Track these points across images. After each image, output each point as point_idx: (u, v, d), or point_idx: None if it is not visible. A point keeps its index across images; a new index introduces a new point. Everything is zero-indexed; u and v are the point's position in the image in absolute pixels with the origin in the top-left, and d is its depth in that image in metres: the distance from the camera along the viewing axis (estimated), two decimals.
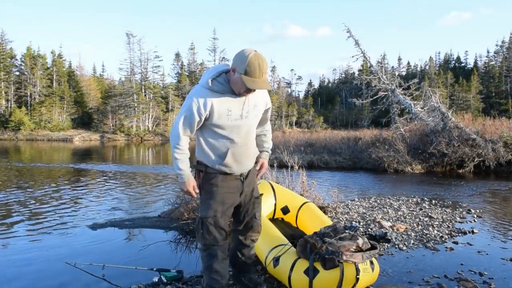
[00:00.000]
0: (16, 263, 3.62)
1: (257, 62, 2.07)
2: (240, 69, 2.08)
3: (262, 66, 2.08)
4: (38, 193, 7.58)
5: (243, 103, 2.24)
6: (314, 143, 15.54)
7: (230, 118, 2.21)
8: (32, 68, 51.46)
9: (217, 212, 2.31)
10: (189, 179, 2.32)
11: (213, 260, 2.33)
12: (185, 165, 2.32)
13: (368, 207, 5.80)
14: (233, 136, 2.25)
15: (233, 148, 2.27)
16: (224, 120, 2.21)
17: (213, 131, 2.25)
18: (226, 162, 2.27)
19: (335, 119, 64.70)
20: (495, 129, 11.75)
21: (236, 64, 2.11)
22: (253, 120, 2.35)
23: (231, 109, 2.21)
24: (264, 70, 2.10)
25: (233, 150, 2.27)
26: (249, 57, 2.07)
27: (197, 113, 2.18)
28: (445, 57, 72.97)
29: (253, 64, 2.06)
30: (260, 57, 2.09)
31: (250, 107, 2.28)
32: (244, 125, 2.27)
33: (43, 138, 44.48)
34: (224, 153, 2.26)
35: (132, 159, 18.82)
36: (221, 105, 2.19)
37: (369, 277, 2.57)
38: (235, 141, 2.26)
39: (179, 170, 2.31)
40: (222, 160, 2.28)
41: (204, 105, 2.16)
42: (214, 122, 2.21)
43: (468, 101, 56.38)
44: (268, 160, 2.70)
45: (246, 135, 2.31)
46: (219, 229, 2.32)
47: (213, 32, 74.48)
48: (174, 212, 5.07)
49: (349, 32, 13.93)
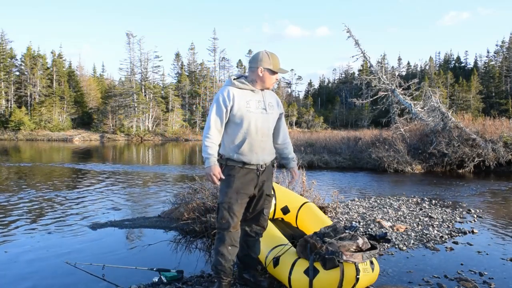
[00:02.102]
0: (16, 263, 3.62)
1: (274, 55, 2.65)
2: (268, 64, 2.59)
3: (277, 57, 2.67)
4: (38, 193, 7.58)
5: (260, 100, 2.63)
6: (314, 143, 15.54)
7: (249, 109, 2.56)
8: (32, 68, 51.44)
9: (232, 199, 2.56)
10: (215, 164, 2.54)
11: (220, 244, 2.59)
12: (213, 151, 2.55)
13: (368, 207, 5.80)
14: (250, 128, 2.56)
15: (249, 139, 2.56)
16: (243, 111, 2.55)
17: (234, 123, 2.57)
18: (242, 150, 2.56)
19: (335, 119, 64.69)
20: (495, 129, 11.74)
21: (261, 64, 2.59)
22: (270, 117, 2.66)
23: (249, 102, 2.58)
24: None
25: (250, 140, 2.56)
26: (268, 54, 2.62)
27: (223, 104, 2.54)
28: (445, 57, 73.01)
29: (274, 57, 2.63)
30: (272, 53, 2.67)
31: (267, 105, 2.65)
32: (259, 119, 2.59)
33: (43, 138, 44.47)
34: (242, 142, 2.57)
35: (132, 159, 18.82)
36: (241, 98, 2.57)
37: (369, 277, 2.57)
38: (252, 132, 2.57)
39: (207, 155, 2.53)
40: (239, 149, 2.57)
41: (228, 96, 2.55)
42: (235, 113, 2.55)
43: (468, 101, 56.37)
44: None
45: (261, 129, 2.60)
46: (232, 215, 2.56)
47: (213, 32, 74.42)
48: (174, 212, 5.07)
49: (349, 32, 13.94)
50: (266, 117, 2.63)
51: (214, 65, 63.09)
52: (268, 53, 2.62)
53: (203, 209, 4.52)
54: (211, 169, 2.50)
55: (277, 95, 3.09)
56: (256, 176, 2.62)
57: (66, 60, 61.20)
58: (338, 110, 66.12)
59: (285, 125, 2.89)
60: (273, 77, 2.63)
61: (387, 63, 56.50)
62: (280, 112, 2.79)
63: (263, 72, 2.59)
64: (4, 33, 52.99)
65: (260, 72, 2.60)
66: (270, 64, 2.59)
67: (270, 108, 2.67)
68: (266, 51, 2.63)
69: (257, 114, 2.58)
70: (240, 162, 2.58)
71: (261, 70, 2.59)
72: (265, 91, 2.70)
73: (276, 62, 2.62)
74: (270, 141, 2.72)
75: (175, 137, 48.19)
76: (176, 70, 64.70)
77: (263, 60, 2.59)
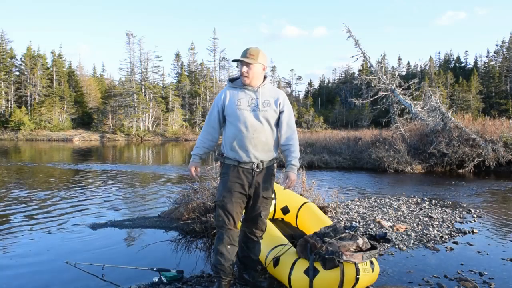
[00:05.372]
0: (17, 263, 3.62)
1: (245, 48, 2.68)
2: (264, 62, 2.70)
3: (246, 49, 2.66)
4: (38, 193, 7.58)
5: (253, 98, 2.64)
6: (314, 143, 15.54)
7: (239, 107, 2.60)
8: (32, 68, 51.41)
9: (225, 197, 2.60)
10: (194, 162, 2.75)
11: (219, 243, 2.63)
12: (197, 150, 2.75)
13: (368, 207, 5.80)
14: (240, 125, 2.59)
15: (240, 135, 2.59)
16: (234, 109, 2.61)
17: (229, 121, 2.65)
18: (233, 146, 2.62)
19: (335, 119, 64.67)
20: (495, 129, 11.74)
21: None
22: (262, 114, 2.62)
23: (240, 100, 2.63)
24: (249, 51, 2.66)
25: (240, 137, 2.59)
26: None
27: (216, 105, 2.70)
28: (445, 57, 72.98)
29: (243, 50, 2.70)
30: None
31: (260, 102, 2.64)
32: (249, 116, 2.60)
33: (43, 138, 44.43)
34: (233, 138, 2.62)
35: (132, 159, 18.81)
36: (233, 96, 2.65)
37: (369, 277, 2.57)
38: (242, 129, 2.59)
39: (192, 152, 2.77)
40: (231, 146, 2.63)
41: (221, 97, 2.70)
42: (227, 112, 2.64)
43: (468, 101, 56.34)
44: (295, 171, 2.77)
45: (252, 126, 2.59)
46: (227, 213, 2.60)
47: (213, 32, 74.32)
48: (174, 212, 5.07)
49: (349, 32, 13.93)
50: (257, 115, 2.60)
51: (214, 65, 63.11)
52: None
53: (203, 209, 4.52)
54: (190, 165, 2.75)
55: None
56: (250, 176, 2.61)
57: (66, 60, 61.21)
58: (338, 110, 66.11)
59: (287, 125, 2.71)
60: (241, 69, 2.64)
61: (387, 63, 56.59)
62: (280, 111, 2.69)
63: (239, 66, 2.68)
64: (4, 33, 53.04)
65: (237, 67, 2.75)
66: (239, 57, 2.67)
67: (264, 105, 2.63)
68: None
69: (247, 111, 2.60)
70: (235, 161, 2.61)
71: (237, 65, 2.73)
72: (263, 89, 2.66)
73: (242, 52, 2.66)
74: (264, 138, 2.62)
75: (175, 137, 48.18)
76: (176, 70, 64.69)
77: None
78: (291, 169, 2.70)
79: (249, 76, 2.61)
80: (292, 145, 2.71)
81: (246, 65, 2.59)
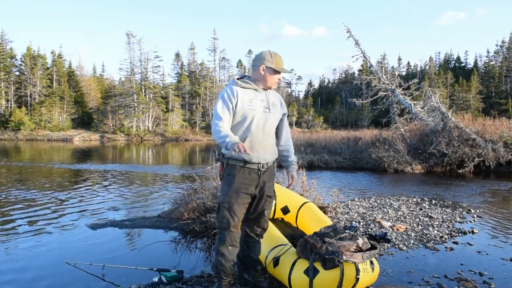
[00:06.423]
0: (17, 263, 3.62)
1: (278, 55, 2.67)
2: (270, 63, 2.62)
3: (281, 57, 2.70)
4: (38, 193, 7.58)
5: (263, 99, 2.66)
6: (314, 143, 15.54)
7: (251, 107, 2.59)
8: (32, 68, 51.42)
9: (232, 198, 2.56)
10: (237, 138, 2.43)
11: (221, 244, 2.60)
12: (228, 131, 2.47)
13: (368, 207, 5.80)
14: (252, 126, 2.58)
15: (250, 136, 2.57)
16: (246, 109, 2.57)
17: (237, 120, 2.59)
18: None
19: (335, 119, 64.67)
20: (495, 129, 11.74)
21: (263, 62, 2.62)
22: (272, 116, 2.68)
23: (252, 101, 2.61)
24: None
25: (251, 138, 2.57)
26: (271, 53, 2.65)
27: (229, 99, 2.56)
28: (445, 57, 73.00)
29: (277, 57, 2.66)
30: (275, 53, 2.71)
31: (270, 104, 2.68)
32: (262, 118, 2.61)
33: (43, 138, 44.44)
34: (243, 139, 2.54)
35: (132, 159, 18.81)
36: (245, 96, 2.60)
37: (369, 277, 2.57)
38: (253, 130, 2.58)
39: (224, 137, 2.41)
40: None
41: (232, 93, 2.58)
42: (238, 110, 2.57)
43: (468, 101, 56.35)
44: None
45: (263, 128, 2.62)
46: (233, 214, 2.56)
47: (213, 32, 74.32)
48: (174, 212, 5.07)
49: (349, 32, 13.93)
50: (268, 116, 2.64)
51: (214, 65, 63.13)
52: (271, 53, 2.65)
53: (203, 209, 4.52)
54: (235, 145, 2.31)
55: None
56: (257, 176, 2.61)
57: (66, 60, 61.29)
58: (338, 110, 66.11)
59: (287, 127, 2.87)
60: (275, 77, 2.65)
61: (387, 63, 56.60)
62: (283, 113, 2.80)
63: (265, 70, 2.62)
64: (4, 33, 53.06)
65: (261, 70, 2.63)
66: (272, 63, 2.62)
67: (273, 107, 2.68)
68: (269, 51, 2.66)
69: (260, 112, 2.60)
70: (241, 161, 2.56)
71: (263, 69, 2.62)
72: (268, 91, 2.72)
73: (279, 61, 2.64)
74: (272, 140, 2.71)
75: (175, 137, 48.19)
76: (176, 70, 64.71)
77: (266, 59, 2.63)
78: (294, 169, 2.85)
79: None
80: (291, 146, 2.89)
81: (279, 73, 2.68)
